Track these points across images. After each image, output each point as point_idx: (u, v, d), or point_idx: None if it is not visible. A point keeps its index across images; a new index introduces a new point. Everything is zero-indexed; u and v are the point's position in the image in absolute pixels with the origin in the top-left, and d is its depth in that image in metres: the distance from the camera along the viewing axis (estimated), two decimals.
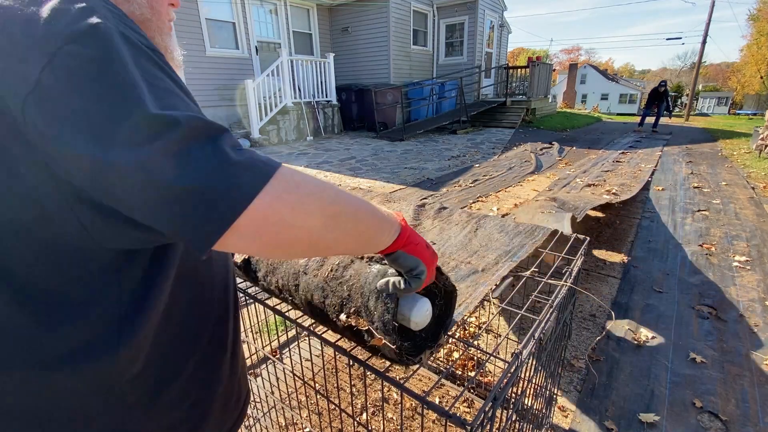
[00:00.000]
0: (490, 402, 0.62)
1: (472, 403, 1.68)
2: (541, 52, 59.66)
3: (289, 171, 0.42)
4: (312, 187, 0.43)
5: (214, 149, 0.38)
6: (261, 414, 1.55)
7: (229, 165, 0.38)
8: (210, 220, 0.37)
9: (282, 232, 0.41)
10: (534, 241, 1.20)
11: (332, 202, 0.45)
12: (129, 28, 0.40)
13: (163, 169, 0.35)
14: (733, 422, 1.60)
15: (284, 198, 0.40)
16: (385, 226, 0.54)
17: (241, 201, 0.37)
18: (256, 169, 0.39)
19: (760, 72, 29.30)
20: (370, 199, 1.22)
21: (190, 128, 0.37)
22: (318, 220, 0.43)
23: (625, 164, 6.03)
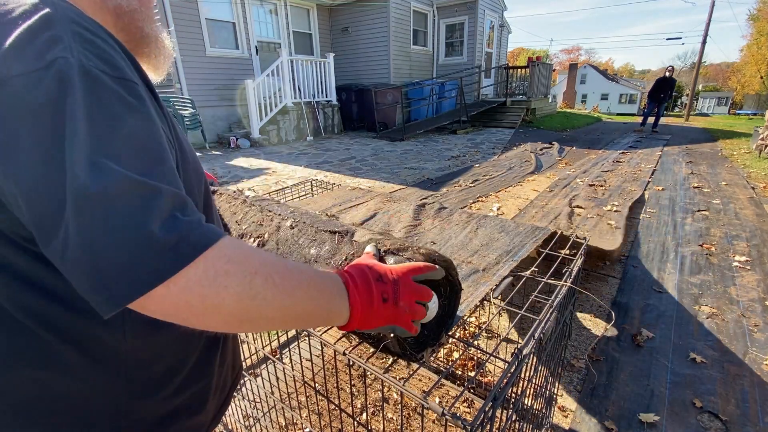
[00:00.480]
0: (490, 402, 0.62)
1: (472, 403, 1.68)
2: (541, 52, 59.68)
3: (220, 252, 0.39)
4: (237, 276, 0.39)
5: (137, 223, 0.35)
6: (261, 414, 1.55)
7: (148, 243, 0.35)
8: (109, 295, 0.35)
9: (190, 319, 0.39)
10: (534, 241, 1.20)
11: (257, 295, 0.40)
12: (97, 58, 0.39)
13: (73, 235, 0.34)
14: (733, 422, 1.60)
15: (196, 290, 0.37)
16: (330, 316, 0.49)
17: (143, 285, 0.35)
18: (179, 247, 0.36)
19: (760, 72, 29.30)
20: (366, 200, 1.21)
21: (114, 194, 0.35)
22: (233, 314, 0.40)
23: (625, 164, 6.04)
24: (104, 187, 0.34)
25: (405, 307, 0.54)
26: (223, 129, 8.65)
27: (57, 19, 0.38)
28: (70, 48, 0.37)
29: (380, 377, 0.69)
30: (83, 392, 0.47)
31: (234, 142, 7.88)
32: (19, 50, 0.35)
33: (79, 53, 0.37)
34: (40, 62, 0.35)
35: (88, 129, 0.36)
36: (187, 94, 7.69)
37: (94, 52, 0.39)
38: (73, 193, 0.34)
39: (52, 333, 0.44)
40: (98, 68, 0.38)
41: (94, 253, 0.34)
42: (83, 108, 0.36)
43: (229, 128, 8.72)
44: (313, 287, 0.47)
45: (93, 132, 0.36)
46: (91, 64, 0.38)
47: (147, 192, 0.36)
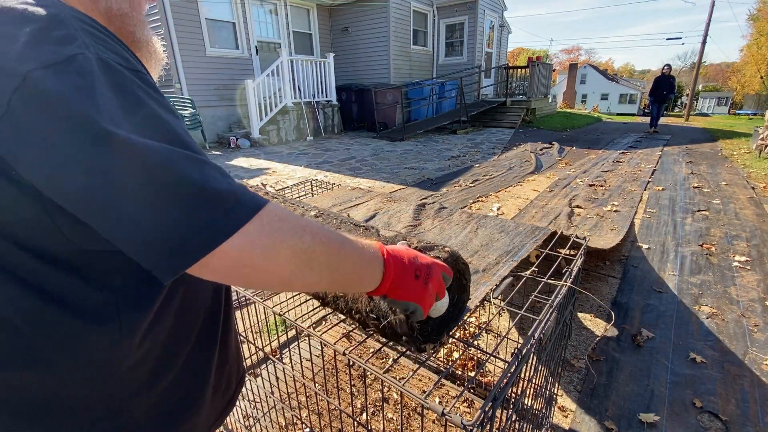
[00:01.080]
0: (490, 402, 0.62)
1: (472, 403, 1.68)
2: (541, 52, 59.68)
3: (271, 212, 0.41)
4: (288, 231, 0.42)
5: (189, 181, 0.37)
6: (261, 414, 1.55)
7: (205, 200, 0.37)
8: (175, 254, 0.37)
9: (251, 275, 0.41)
10: (534, 241, 1.20)
11: (308, 248, 0.43)
12: (111, 52, 0.40)
13: (129, 198, 0.35)
14: (733, 422, 1.60)
15: (258, 242, 0.39)
16: (366, 275, 0.52)
17: (210, 242, 0.37)
18: (236, 207, 0.39)
19: (760, 72, 29.30)
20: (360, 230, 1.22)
21: (165, 157, 0.36)
22: (289, 268, 0.42)
23: (625, 164, 6.04)
24: (162, 157, 0.36)
25: (431, 290, 0.58)
26: (223, 129, 8.65)
27: (65, 18, 0.39)
28: (86, 44, 0.38)
29: (380, 377, 0.69)
30: (76, 393, 0.47)
31: (234, 142, 7.88)
32: (35, 47, 0.35)
33: (95, 48, 0.38)
34: (59, 57, 0.35)
35: (122, 110, 0.37)
36: (187, 94, 7.68)
37: (106, 47, 0.40)
38: (119, 169, 0.35)
39: (45, 333, 0.44)
40: (114, 60, 0.39)
41: (163, 215, 0.36)
42: (112, 93, 0.37)
43: (229, 128, 8.72)
44: (354, 248, 0.50)
45: (126, 113, 0.37)
46: (107, 57, 0.39)
47: (199, 160, 0.39)
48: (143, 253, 0.37)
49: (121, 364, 0.49)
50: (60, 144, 0.34)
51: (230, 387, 0.69)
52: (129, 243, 0.37)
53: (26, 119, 0.34)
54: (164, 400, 0.55)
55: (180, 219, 0.36)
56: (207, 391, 0.62)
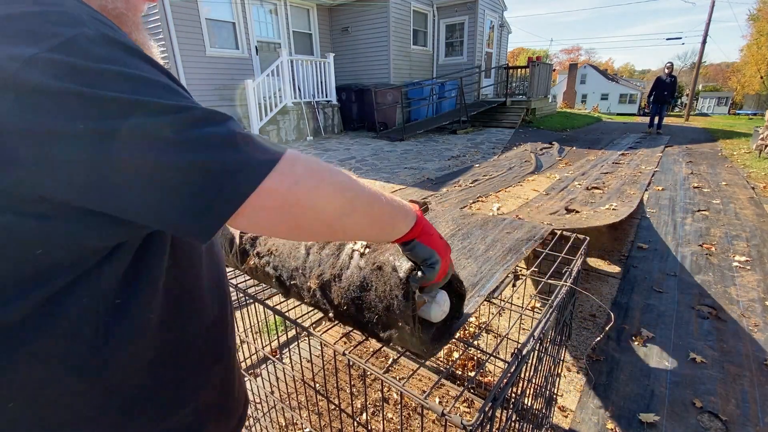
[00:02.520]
0: (490, 402, 0.62)
1: (472, 403, 1.68)
2: (541, 52, 59.67)
3: (301, 154, 0.42)
4: (328, 172, 0.44)
5: (221, 129, 0.38)
6: (261, 414, 1.55)
7: (238, 142, 0.38)
8: (218, 198, 0.36)
9: (298, 215, 0.41)
10: (534, 241, 1.20)
11: (348, 187, 0.45)
12: (113, 30, 0.40)
13: (165, 150, 0.35)
14: (733, 422, 1.60)
15: (302, 182, 0.40)
16: (400, 215, 0.55)
17: (252, 178, 0.37)
18: (268, 148, 0.40)
19: (760, 72, 29.29)
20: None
21: (195, 113, 0.37)
22: (335, 204, 0.43)
23: (625, 166, 6.03)
24: (190, 107, 0.37)
25: (447, 258, 0.64)
26: None
27: (71, 5, 0.39)
28: (85, 22, 0.37)
29: (380, 377, 0.69)
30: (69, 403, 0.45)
31: None
32: (39, 32, 0.35)
33: (95, 25, 0.38)
34: (59, 39, 0.35)
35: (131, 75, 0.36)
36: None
37: (108, 25, 0.40)
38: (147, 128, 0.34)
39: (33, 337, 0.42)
40: (119, 38, 0.39)
41: (200, 156, 0.35)
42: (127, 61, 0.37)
43: None
44: (385, 194, 0.53)
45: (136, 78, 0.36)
46: (109, 33, 0.38)
47: (217, 114, 0.39)
48: (187, 209, 0.36)
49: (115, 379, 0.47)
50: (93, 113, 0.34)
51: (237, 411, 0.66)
52: (166, 204, 0.36)
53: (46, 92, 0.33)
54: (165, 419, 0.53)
55: (217, 163, 0.36)
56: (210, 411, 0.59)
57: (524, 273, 1.05)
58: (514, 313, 1.09)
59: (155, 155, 0.34)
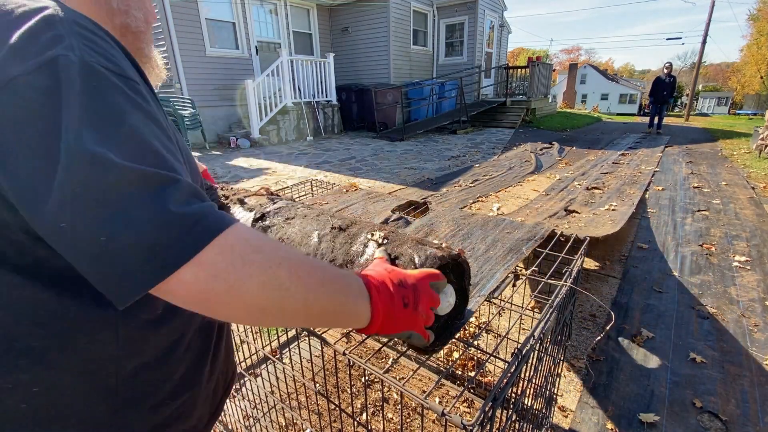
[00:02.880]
0: (490, 402, 0.62)
1: (472, 403, 1.68)
2: (541, 52, 59.67)
3: (239, 239, 0.38)
4: (260, 266, 0.39)
5: (150, 200, 0.35)
6: (261, 414, 1.55)
7: (164, 221, 0.35)
8: (128, 278, 0.35)
9: (215, 306, 0.38)
10: (534, 240, 1.20)
11: (281, 286, 0.40)
12: (101, 56, 0.39)
13: (82, 219, 0.33)
14: (733, 422, 1.60)
15: (221, 276, 0.37)
16: (350, 316, 0.48)
17: (164, 267, 0.35)
18: (196, 229, 0.36)
19: (760, 72, 29.30)
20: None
21: (125, 174, 0.34)
22: (258, 305, 0.39)
23: (625, 166, 6.01)
24: (111, 178, 0.34)
25: (422, 312, 0.55)
26: (223, 129, 8.65)
27: (59, 19, 0.38)
28: (71, 46, 0.37)
29: (380, 377, 0.69)
30: (72, 398, 0.46)
31: (234, 142, 7.88)
32: (20, 51, 0.35)
33: (81, 50, 0.37)
34: (39, 60, 0.35)
35: (89, 120, 0.35)
36: (187, 94, 7.68)
37: (96, 50, 0.39)
38: (74, 183, 0.33)
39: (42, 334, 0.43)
40: (100, 64, 0.38)
41: (114, 239, 0.33)
42: (84, 99, 0.35)
43: (229, 128, 8.72)
44: (336, 285, 0.46)
45: (93, 123, 0.35)
46: (92, 60, 0.37)
47: (156, 177, 0.36)
48: (95, 277, 0.35)
49: (117, 372, 0.48)
50: (18, 152, 0.34)
51: (218, 392, 0.68)
52: (82, 264, 0.35)
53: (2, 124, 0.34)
54: (160, 411, 0.54)
55: (134, 241, 0.34)
56: (199, 399, 0.61)
57: (524, 273, 1.05)
58: (514, 313, 1.09)
59: (74, 213, 0.33)
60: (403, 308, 0.52)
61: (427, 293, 0.56)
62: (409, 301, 0.53)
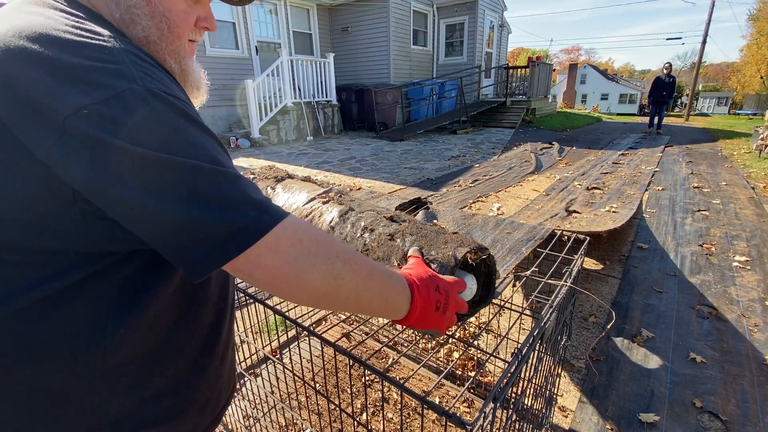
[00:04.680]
0: (490, 402, 0.62)
1: (472, 403, 1.68)
2: (541, 52, 59.65)
3: (301, 229, 0.45)
4: (323, 256, 0.45)
5: (233, 190, 0.41)
6: (261, 414, 1.55)
7: (238, 202, 0.41)
8: (206, 255, 0.41)
9: (282, 288, 0.44)
10: (534, 241, 1.20)
11: (338, 276, 0.46)
12: (157, 82, 0.43)
13: (173, 205, 0.39)
14: (733, 422, 1.60)
15: (292, 263, 0.43)
16: (391, 308, 0.54)
17: (241, 243, 0.41)
18: (268, 213, 0.43)
19: (760, 72, 29.28)
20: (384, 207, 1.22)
21: (211, 171, 0.41)
22: (317, 290, 0.45)
23: (625, 166, 6.01)
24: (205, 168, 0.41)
25: (449, 316, 0.61)
26: (223, 129, 8.65)
27: (118, 50, 0.42)
28: (134, 78, 0.41)
29: (380, 377, 0.69)
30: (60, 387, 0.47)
31: (234, 142, 7.88)
32: (89, 82, 0.39)
33: (143, 80, 0.42)
34: (109, 92, 0.39)
35: (172, 128, 0.41)
36: None
37: (154, 77, 0.44)
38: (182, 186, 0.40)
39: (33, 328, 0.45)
40: (162, 90, 0.43)
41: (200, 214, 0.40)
42: (158, 123, 0.41)
43: (229, 128, 8.72)
44: (384, 279, 0.53)
45: (176, 132, 0.42)
46: (154, 87, 0.42)
47: (229, 174, 0.43)
48: (176, 255, 0.41)
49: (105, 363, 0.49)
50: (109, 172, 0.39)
51: (219, 404, 0.68)
52: (164, 245, 0.41)
53: (84, 143, 0.38)
54: (149, 406, 0.54)
55: (213, 221, 0.40)
56: (195, 404, 0.61)
57: (524, 273, 1.05)
58: (514, 313, 1.09)
59: (167, 205, 0.39)
60: (435, 311, 0.58)
61: (455, 300, 0.62)
62: (441, 306, 0.59)
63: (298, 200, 0.96)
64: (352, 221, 0.83)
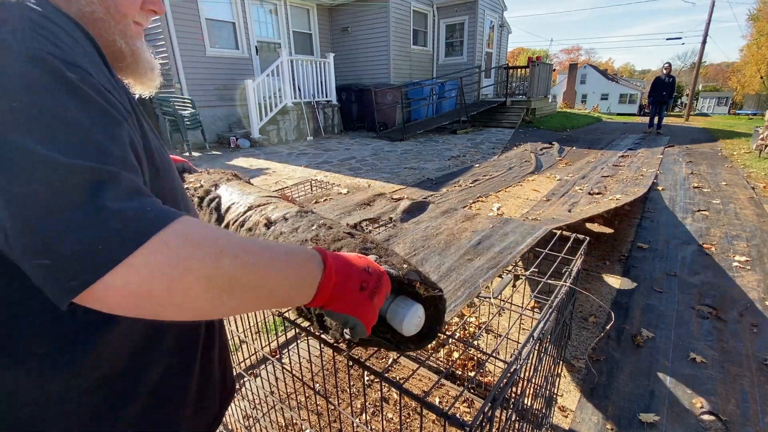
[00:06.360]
0: (489, 402, 0.61)
1: (472, 403, 1.68)
2: (541, 52, 59.65)
3: (178, 234, 0.36)
4: (202, 259, 0.37)
5: (85, 199, 0.33)
6: (261, 414, 1.55)
7: (98, 220, 0.33)
8: (62, 282, 0.33)
9: (156, 308, 0.36)
10: (533, 240, 1.20)
11: (226, 274, 0.38)
12: (50, 43, 0.37)
13: (17, 217, 0.32)
14: (733, 422, 1.60)
15: (157, 275, 0.34)
16: (298, 290, 0.46)
17: (93, 269, 0.32)
18: (132, 227, 0.34)
19: (760, 72, 29.28)
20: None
21: (58, 168, 0.33)
22: (204, 298, 0.37)
23: (626, 168, 5.98)
24: (41, 173, 0.32)
25: (376, 304, 0.52)
26: (223, 129, 8.65)
27: (11, 3, 0.37)
28: (14, 31, 0.35)
29: (380, 377, 0.69)
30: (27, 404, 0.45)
31: (234, 142, 7.88)
32: None
33: (25, 35, 0.35)
34: None
35: (23, 112, 0.33)
36: (187, 94, 7.68)
37: (46, 38, 0.37)
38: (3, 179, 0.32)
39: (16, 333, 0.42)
40: (47, 51, 0.36)
41: (43, 238, 0.32)
42: (23, 86, 0.34)
43: (229, 128, 8.72)
44: (286, 261, 0.45)
45: (28, 116, 0.34)
46: (36, 46, 0.36)
47: (94, 172, 0.34)
48: (34, 274, 0.34)
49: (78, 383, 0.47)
50: None
51: (213, 405, 0.66)
52: (24, 262, 0.34)
53: None
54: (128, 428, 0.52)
55: (62, 241, 0.32)
56: (184, 411, 0.59)
57: (524, 273, 1.05)
58: (514, 313, 1.09)
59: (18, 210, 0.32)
60: (357, 290, 0.50)
61: (386, 289, 0.54)
62: (368, 287, 0.51)
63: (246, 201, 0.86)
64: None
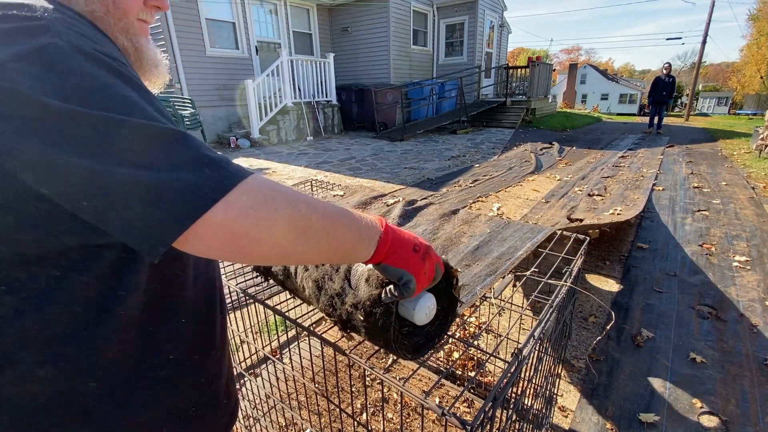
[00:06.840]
0: (489, 402, 0.62)
1: (472, 403, 1.68)
2: (541, 52, 59.65)
3: (258, 181, 0.41)
4: (282, 201, 0.42)
5: (185, 151, 0.38)
6: (261, 414, 1.55)
7: (197, 165, 0.38)
8: (162, 223, 0.36)
9: (246, 245, 0.40)
10: (534, 241, 1.20)
11: (304, 216, 0.43)
12: (88, 39, 0.40)
13: (114, 167, 0.35)
14: (733, 422, 1.60)
15: (250, 212, 0.39)
16: (361, 241, 0.52)
17: (198, 207, 0.36)
18: (222, 173, 0.39)
19: (760, 72, 29.27)
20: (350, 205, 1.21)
21: (158, 131, 0.37)
22: (286, 237, 0.42)
23: (626, 169, 5.97)
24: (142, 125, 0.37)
25: (427, 267, 0.58)
26: (223, 129, 8.65)
27: (44, 8, 0.39)
28: (59, 33, 0.38)
29: (380, 377, 0.69)
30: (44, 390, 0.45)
31: (234, 142, 7.88)
32: (8, 38, 0.36)
33: (68, 36, 0.38)
34: (29, 46, 0.35)
35: (98, 86, 0.37)
36: (187, 94, 7.68)
37: (85, 35, 0.40)
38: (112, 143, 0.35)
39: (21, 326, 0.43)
40: (91, 47, 0.39)
41: (155, 182, 0.35)
42: (82, 78, 0.37)
43: (229, 128, 8.72)
44: (351, 215, 0.51)
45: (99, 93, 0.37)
46: (81, 43, 0.39)
47: (171, 131, 0.39)
48: (128, 228, 0.36)
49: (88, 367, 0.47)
50: (49, 124, 0.34)
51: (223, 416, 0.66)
52: (114, 219, 0.36)
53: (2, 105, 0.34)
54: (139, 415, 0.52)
55: (162, 186, 0.36)
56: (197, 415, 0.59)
57: (524, 273, 1.05)
58: (514, 313, 1.09)
59: (113, 170, 0.35)
60: (412, 250, 0.56)
61: (434, 259, 0.59)
62: (420, 250, 0.57)
63: None
64: None
